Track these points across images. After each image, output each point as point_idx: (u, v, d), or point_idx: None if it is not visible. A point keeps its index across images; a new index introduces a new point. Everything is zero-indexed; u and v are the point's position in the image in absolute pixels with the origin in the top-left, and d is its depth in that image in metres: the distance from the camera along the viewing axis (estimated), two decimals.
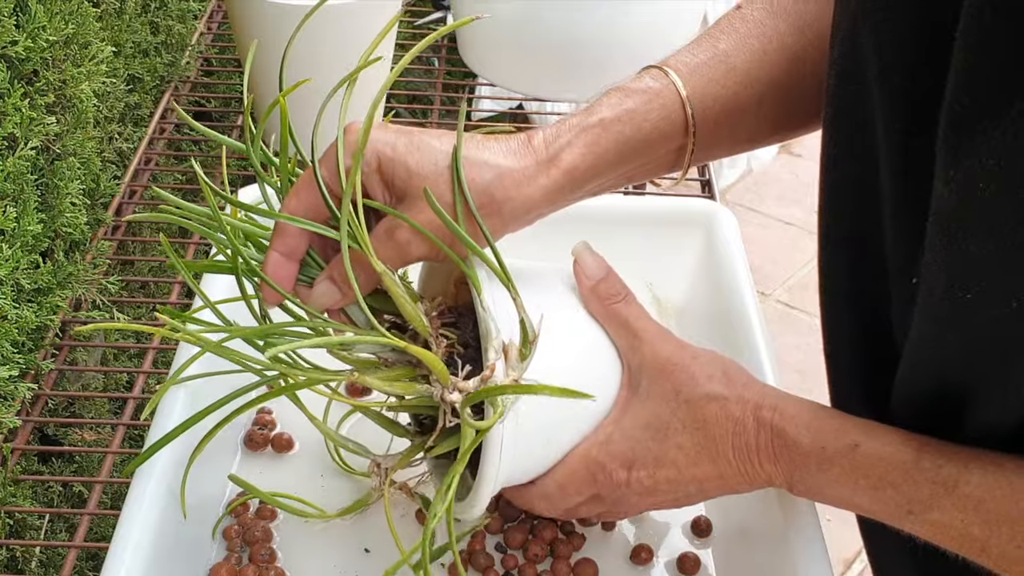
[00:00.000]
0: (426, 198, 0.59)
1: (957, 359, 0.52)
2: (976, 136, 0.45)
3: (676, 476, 0.62)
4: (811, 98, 0.68)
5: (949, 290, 0.49)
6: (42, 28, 0.84)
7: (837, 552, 1.90)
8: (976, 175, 0.46)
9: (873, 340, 0.60)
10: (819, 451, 0.58)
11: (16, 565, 0.86)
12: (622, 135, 0.64)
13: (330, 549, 0.70)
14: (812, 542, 0.64)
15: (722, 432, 0.61)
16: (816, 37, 0.67)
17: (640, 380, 0.64)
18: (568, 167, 0.63)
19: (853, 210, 0.60)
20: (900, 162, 0.53)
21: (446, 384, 0.60)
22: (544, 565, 0.70)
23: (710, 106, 0.66)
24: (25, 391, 0.83)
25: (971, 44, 0.45)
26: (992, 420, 0.53)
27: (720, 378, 0.62)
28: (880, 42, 0.53)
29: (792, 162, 2.88)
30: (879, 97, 0.53)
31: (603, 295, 0.65)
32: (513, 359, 0.60)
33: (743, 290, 0.80)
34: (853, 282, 0.62)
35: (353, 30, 1.02)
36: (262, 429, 0.77)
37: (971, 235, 0.47)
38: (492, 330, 0.60)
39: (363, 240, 0.60)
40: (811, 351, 2.28)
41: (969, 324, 0.50)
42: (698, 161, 0.68)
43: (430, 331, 0.62)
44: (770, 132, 0.71)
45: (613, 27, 1.12)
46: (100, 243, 1.00)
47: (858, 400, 0.63)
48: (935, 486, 0.54)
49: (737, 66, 0.66)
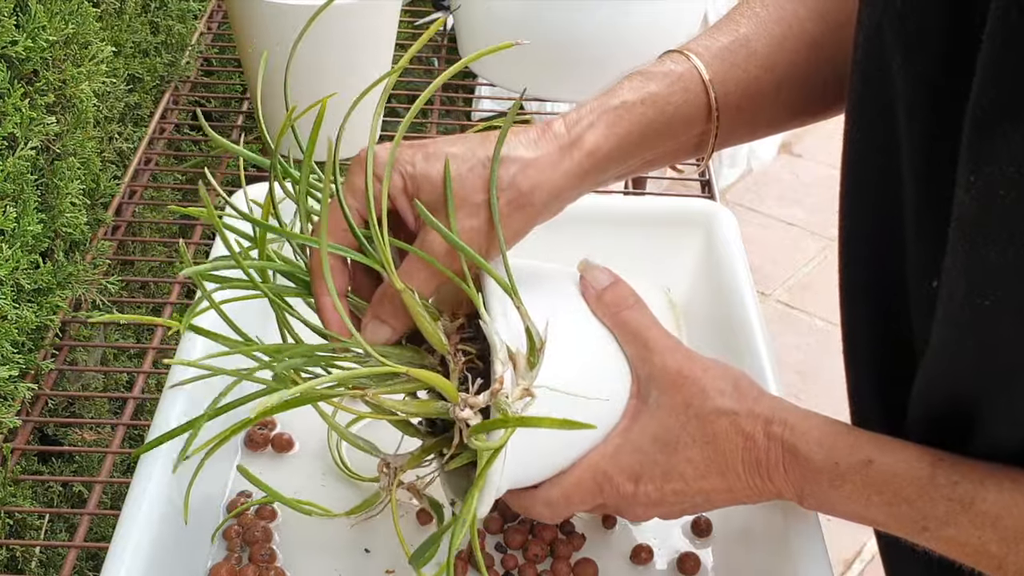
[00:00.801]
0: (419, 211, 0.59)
1: (974, 368, 0.52)
2: (997, 140, 0.45)
3: (684, 489, 0.62)
4: (828, 85, 0.68)
5: (968, 296, 0.49)
6: (42, 28, 0.84)
7: (837, 552, 1.90)
8: (997, 182, 0.46)
9: (893, 347, 0.60)
10: (832, 467, 0.58)
11: (16, 565, 0.86)
12: (645, 117, 0.64)
13: (330, 549, 0.70)
14: (812, 542, 0.64)
15: (732, 447, 0.60)
16: (836, 24, 0.66)
17: (650, 391, 0.63)
18: (591, 148, 0.62)
19: (874, 213, 0.59)
20: (923, 165, 0.53)
21: (455, 402, 0.60)
22: (544, 565, 0.70)
23: (732, 90, 0.66)
24: (25, 391, 0.83)
25: (997, 46, 0.45)
26: (1003, 433, 0.52)
27: (731, 392, 0.62)
28: (906, 44, 0.52)
29: (792, 162, 2.88)
30: (903, 99, 0.53)
31: (610, 303, 0.65)
32: (522, 368, 0.60)
33: (743, 290, 0.80)
34: (873, 293, 0.61)
35: (353, 30, 1.02)
36: (262, 429, 0.77)
37: (991, 242, 0.47)
38: (496, 343, 0.60)
39: (389, 268, 0.60)
40: (811, 351, 2.28)
41: (987, 332, 0.49)
42: (721, 146, 0.68)
43: (448, 349, 0.62)
44: (789, 117, 0.70)
45: (613, 27, 1.12)
46: (100, 243, 1.00)
47: (876, 412, 0.63)
48: (951, 503, 0.54)
49: (758, 50, 0.66)
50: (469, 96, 1.51)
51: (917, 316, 0.57)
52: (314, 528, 0.71)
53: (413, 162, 0.61)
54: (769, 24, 0.67)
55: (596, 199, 0.89)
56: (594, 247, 0.68)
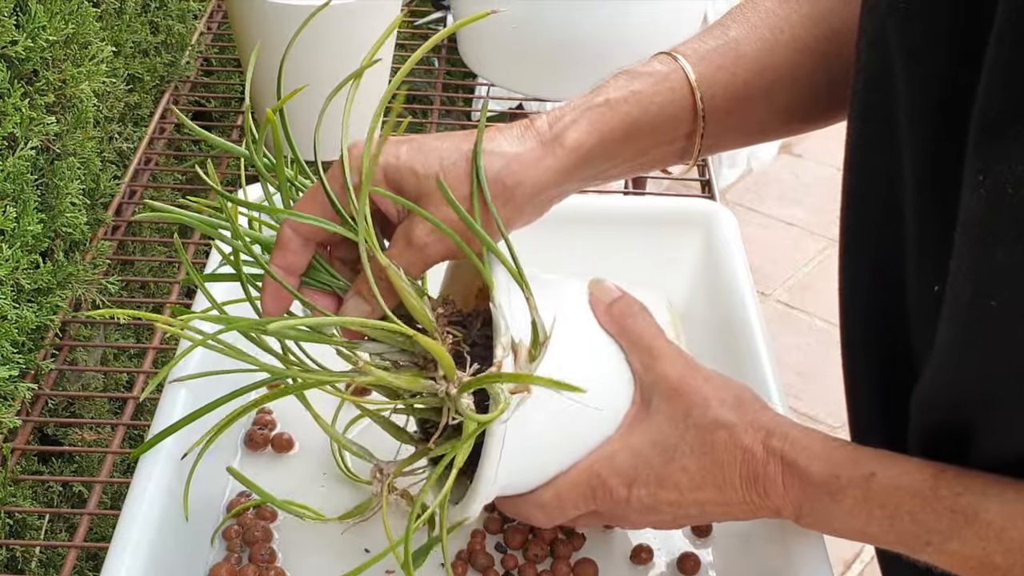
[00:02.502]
0: (441, 190, 0.59)
1: (979, 371, 0.51)
2: (1007, 141, 0.45)
3: (678, 499, 0.61)
4: (821, 91, 0.67)
5: (975, 298, 0.49)
6: (42, 28, 0.84)
7: (837, 552, 1.90)
8: (1005, 180, 0.45)
9: (892, 355, 0.60)
10: (832, 480, 0.57)
11: (16, 565, 0.86)
12: (629, 116, 0.63)
13: (330, 549, 0.70)
14: (812, 542, 0.64)
15: (730, 459, 0.60)
16: (829, 30, 0.66)
17: (651, 398, 0.63)
18: (574, 145, 0.62)
19: (875, 218, 0.59)
20: (926, 168, 0.53)
21: (452, 378, 0.59)
22: (544, 565, 0.70)
23: (719, 93, 0.65)
24: (25, 391, 0.83)
25: (1005, 47, 0.45)
26: (1007, 441, 0.52)
27: (732, 404, 0.61)
28: (910, 47, 0.52)
29: (793, 162, 2.88)
30: (906, 103, 0.53)
31: (617, 313, 0.65)
32: (522, 359, 0.59)
33: (743, 290, 0.80)
34: (873, 300, 0.61)
35: (353, 30, 1.02)
36: (262, 429, 0.77)
37: (999, 241, 0.47)
38: (503, 327, 0.59)
39: (372, 242, 0.60)
40: (811, 352, 2.28)
41: (994, 333, 0.49)
42: (710, 151, 0.68)
43: (435, 325, 0.62)
44: (782, 124, 0.70)
45: (613, 27, 1.12)
46: (100, 243, 1.00)
47: (876, 421, 0.62)
48: (955, 515, 0.53)
49: (747, 54, 0.66)
50: (469, 96, 1.50)
51: (918, 322, 0.56)
52: (314, 528, 0.71)
53: (397, 154, 0.61)
54: (760, 29, 0.67)
55: (596, 199, 0.90)
56: (594, 247, 0.68)
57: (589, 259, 0.81)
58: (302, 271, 0.63)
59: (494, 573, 0.69)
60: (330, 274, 0.64)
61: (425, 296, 0.63)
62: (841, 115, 0.64)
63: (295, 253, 0.62)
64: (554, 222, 0.65)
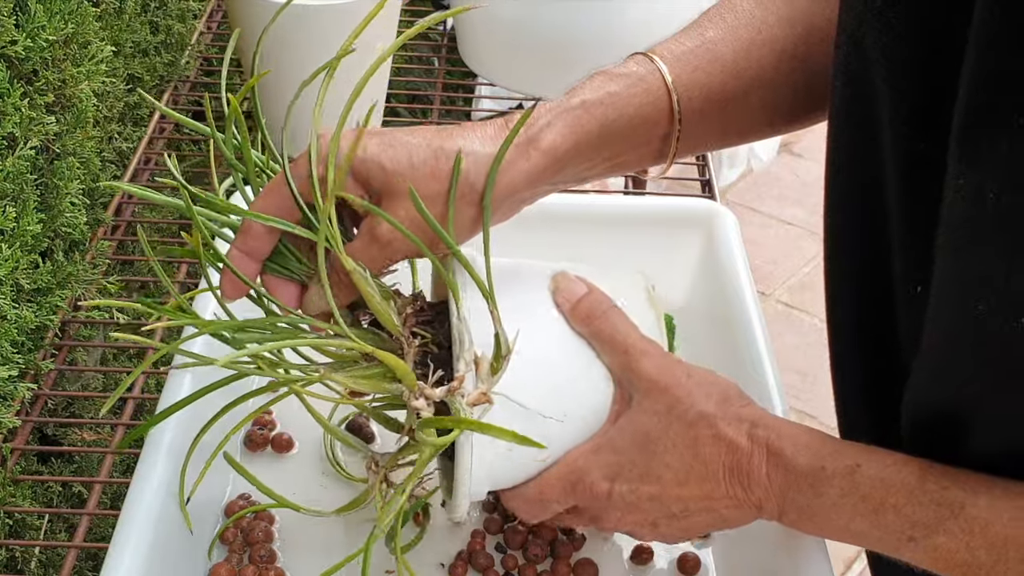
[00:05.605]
0: (411, 197, 0.58)
1: (965, 374, 0.51)
2: (986, 140, 0.45)
3: (659, 493, 0.60)
4: (800, 92, 0.67)
5: (961, 302, 0.48)
6: (42, 28, 0.84)
7: (838, 552, 1.90)
8: (987, 182, 0.45)
9: (879, 355, 0.59)
10: (817, 471, 0.56)
11: (16, 565, 0.86)
12: (605, 117, 0.63)
13: (330, 550, 0.70)
14: (812, 542, 0.64)
15: (714, 452, 0.59)
16: (806, 32, 0.66)
17: (632, 395, 0.62)
18: (549, 148, 0.61)
19: (859, 218, 0.59)
20: (908, 169, 0.52)
21: (413, 390, 0.59)
22: (544, 565, 0.70)
23: (696, 94, 0.65)
24: (25, 391, 0.83)
25: (983, 45, 0.45)
26: (994, 439, 0.52)
27: (716, 397, 0.60)
28: (888, 44, 0.52)
29: (793, 162, 2.88)
30: (887, 102, 0.53)
31: (585, 313, 0.63)
32: (484, 372, 0.59)
33: (743, 290, 0.80)
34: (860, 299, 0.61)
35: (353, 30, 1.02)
36: (262, 429, 0.77)
37: (982, 244, 0.46)
38: (466, 341, 0.59)
39: (334, 239, 0.59)
40: (812, 352, 2.28)
41: (979, 339, 0.49)
42: (687, 151, 0.67)
43: (401, 330, 0.61)
44: (763, 125, 0.70)
45: (612, 27, 1.12)
46: (100, 243, 1.00)
47: (864, 420, 0.62)
48: (940, 508, 0.53)
49: (724, 55, 0.66)
50: (469, 96, 1.50)
51: (904, 321, 0.56)
52: (314, 529, 0.71)
53: (365, 147, 0.60)
54: (737, 30, 0.66)
55: (596, 199, 0.90)
56: (594, 247, 0.68)
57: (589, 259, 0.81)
58: (265, 256, 0.62)
59: (494, 573, 0.69)
60: (296, 260, 0.63)
61: (392, 298, 0.63)
62: (823, 115, 0.63)
63: (257, 239, 0.61)
64: (554, 222, 0.65)
